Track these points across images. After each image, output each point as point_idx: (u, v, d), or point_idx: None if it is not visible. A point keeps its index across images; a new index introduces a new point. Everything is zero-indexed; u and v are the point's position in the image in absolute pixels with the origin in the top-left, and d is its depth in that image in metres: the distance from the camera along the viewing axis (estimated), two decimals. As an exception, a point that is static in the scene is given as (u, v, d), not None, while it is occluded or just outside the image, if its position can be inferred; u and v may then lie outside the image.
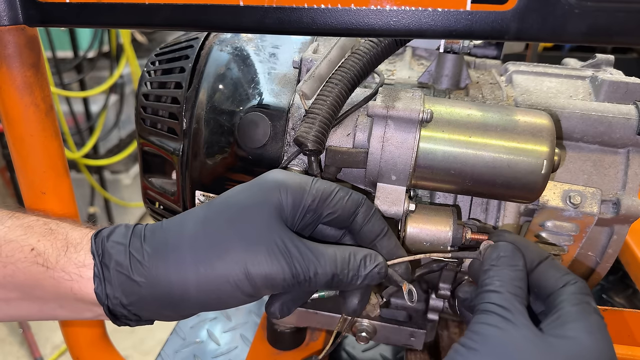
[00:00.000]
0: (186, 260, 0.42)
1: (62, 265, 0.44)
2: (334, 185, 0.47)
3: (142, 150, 0.73)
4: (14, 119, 0.61)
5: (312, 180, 0.47)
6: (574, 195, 0.59)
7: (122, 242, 0.44)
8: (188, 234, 0.44)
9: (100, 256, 0.44)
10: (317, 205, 0.46)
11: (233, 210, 0.45)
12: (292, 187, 0.45)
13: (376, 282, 0.47)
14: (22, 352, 2.37)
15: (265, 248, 0.43)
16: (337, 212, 0.47)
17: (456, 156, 0.54)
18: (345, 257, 0.45)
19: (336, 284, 0.45)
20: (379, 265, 0.46)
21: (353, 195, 0.47)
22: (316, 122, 0.54)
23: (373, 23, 0.44)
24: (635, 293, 1.04)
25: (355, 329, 0.70)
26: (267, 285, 0.43)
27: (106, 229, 0.46)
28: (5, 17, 0.53)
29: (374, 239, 0.48)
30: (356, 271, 0.45)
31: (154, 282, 0.42)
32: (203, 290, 0.42)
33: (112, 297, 0.43)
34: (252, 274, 0.42)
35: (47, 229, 0.46)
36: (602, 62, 0.72)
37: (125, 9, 0.48)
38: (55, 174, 0.66)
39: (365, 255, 0.46)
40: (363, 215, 0.47)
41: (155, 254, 0.43)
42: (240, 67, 0.67)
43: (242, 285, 0.42)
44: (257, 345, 0.88)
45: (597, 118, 0.60)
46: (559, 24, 0.40)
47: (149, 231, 0.45)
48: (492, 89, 0.69)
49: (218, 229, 0.44)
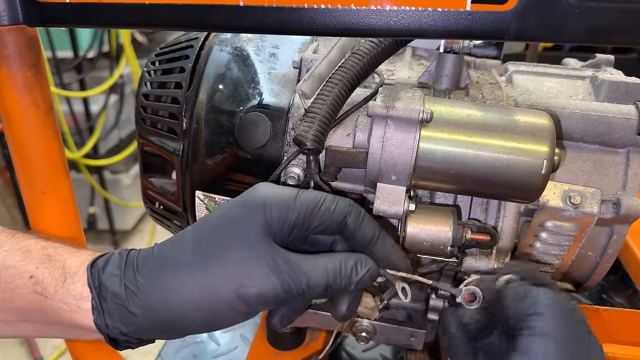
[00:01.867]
0: (179, 286, 0.43)
1: (61, 297, 0.45)
2: (320, 196, 0.47)
3: (142, 150, 0.73)
4: (14, 119, 0.61)
5: (297, 193, 0.47)
6: (574, 195, 0.59)
7: (116, 274, 0.45)
8: (180, 260, 0.45)
9: (97, 288, 0.45)
10: (304, 220, 0.46)
11: (221, 232, 0.45)
12: (277, 204, 0.46)
13: (368, 285, 0.48)
14: (22, 352, 2.37)
15: (255, 267, 0.43)
16: (325, 223, 0.47)
17: (456, 156, 0.54)
18: (336, 266, 0.46)
19: (330, 293, 0.46)
20: (370, 270, 0.47)
21: (340, 204, 0.47)
22: (315, 121, 0.54)
23: (373, 23, 0.44)
24: (635, 293, 1.04)
25: (355, 329, 0.70)
26: (261, 303, 0.44)
27: (101, 259, 0.47)
28: (5, 17, 0.53)
29: (367, 243, 0.48)
30: (348, 279, 0.46)
31: (151, 311, 0.44)
32: (201, 313, 0.44)
33: (112, 326, 0.44)
34: (245, 294, 0.43)
35: (45, 255, 0.47)
36: (602, 62, 0.72)
37: (125, 9, 0.48)
38: (55, 174, 0.66)
39: (356, 262, 0.47)
40: (353, 222, 0.47)
41: (150, 283, 0.44)
42: (240, 67, 0.67)
43: (236, 306, 0.43)
44: (257, 345, 0.88)
45: (597, 118, 0.60)
46: (559, 24, 0.40)
47: (141, 259, 0.46)
48: (492, 89, 0.69)
49: (207, 252, 0.45)
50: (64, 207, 0.69)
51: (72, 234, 0.71)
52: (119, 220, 2.99)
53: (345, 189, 0.64)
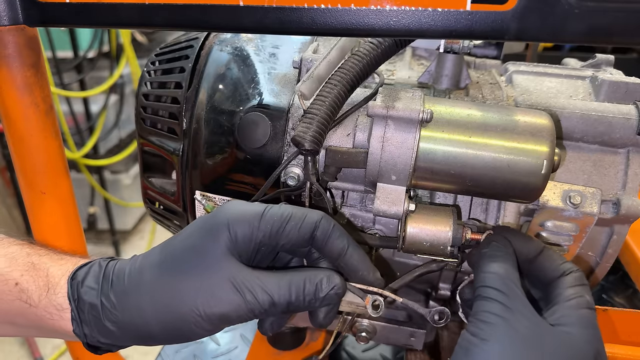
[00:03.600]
0: (146, 307, 0.45)
1: (44, 306, 0.47)
2: (287, 213, 0.47)
3: (142, 150, 0.73)
4: (14, 119, 0.61)
5: (263, 211, 0.47)
6: (574, 195, 0.59)
7: (94, 287, 0.47)
8: (145, 280, 0.46)
9: (76, 301, 0.47)
10: (270, 238, 0.47)
11: (186, 253, 0.47)
12: (241, 223, 0.46)
13: (335, 302, 0.48)
14: (23, 352, 2.37)
15: (217, 287, 0.44)
16: (292, 240, 0.47)
17: (456, 156, 0.54)
18: (300, 284, 0.46)
19: (294, 310, 0.47)
20: (336, 287, 0.47)
21: (307, 219, 0.47)
22: (314, 122, 0.54)
23: (373, 23, 0.44)
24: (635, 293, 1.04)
25: (355, 329, 0.70)
26: (224, 322, 0.45)
27: (82, 270, 0.49)
28: (5, 17, 0.53)
29: (336, 257, 0.49)
30: (312, 296, 0.46)
31: (123, 326, 0.46)
32: (166, 330, 0.45)
33: (90, 335, 0.47)
34: (207, 313, 0.44)
35: (30, 262, 0.49)
36: (602, 62, 0.72)
37: (125, 9, 0.48)
38: (55, 174, 0.66)
39: (321, 279, 0.47)
40: (321, 235, 0.48)
41: (119, 302, 0.46)
42: (240, 67, 0.67)
43: (199, 324, 0.45)
44: (257, 345, 0.88)
45: (597, 118, 0.60)
46: (558, 24, 0.40)
47: (115, 276, 0.48)
48: (492, 89, 0.69)
49: (172, 273, 0.46)
50: (64, 207, 0.69)
51: (72, 234, 0.71)
52: (119, 220, 2.99)
53: (345, 189, 0.64)
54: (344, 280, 0.48)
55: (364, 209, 0.65)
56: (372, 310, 0.50)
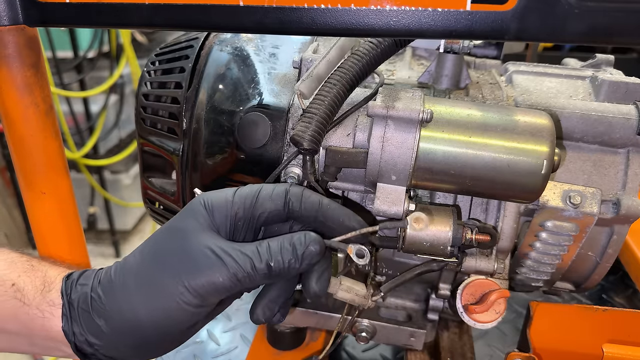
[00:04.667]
0: (131, 291, 0.45)
1: (37, 303, 0.47)
2: (258, 186, 0.49)
3: (142, 150, 0.73)
4: (14, 119, 0.61)
5: (234, 190, 0.49)
6: (574, 195, 0.59)
7: (86, 284, 0.48)
8: (129, 266, 0.47)
9: (68, 296, 0.47)
10: (245, 211, 0.48)
11: (166, 234, 0.48)
12: (216, 201, 0.48)
13: (317, 259, 0.48)
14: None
15: (198, 258, 0.45)
16: (268, 209, 0.48)
17: (456, 156, 0.54)
18: (276, 245, 0.46)
19: (277, 273, 0.46)
20: (313, 242, 0.47)
21: (278, 188, 0.49)
22: (313, 121, 0.54)
23: (373, 23, 0.44)
24: (635, 293, 1.04)
25: (355, 329, 0.70)
26: (210, 291, 0.45)
27: (76, 272, 0.50)
28: (5, 17, 0.53)
29: (314, 214, 0.49)
30: (291, 254, 0.46)
31: (110, 318, 0.46)
32: (153, 315, 0.45)
33: (79, 334, 0.46)
34: (191, 285, 0.44)
35: (29, 265, 0.50)
36: (602, 62, 0.72)
37: (125, 9, 0.48)
38: (55, 174, 0.66)
39: (298, 237, 0.47)
40: (295, 199, 0.48)
41: (106, 295, 0.46)
42: (240, 67, 0.67)
43: (186, 299, 0.44)
44: (257, 345, 0.88)
45: (597, 118, 0.60)
46: (558, 24, 0.40)
47: (104, 272, 0.48)
48: (492, 89, 0.69)
49: (154, 254, 0.47)
50: (63, 207, 0.69)
51: (72, 234, 0.71)
52: (119, 220, 2.99)
53: (345, 189, 0.64)
54: (320, 237, 0.48)
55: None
56: (356, 258, 0.49)
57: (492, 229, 0.60)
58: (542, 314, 0.64)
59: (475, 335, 0.87)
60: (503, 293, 0.57)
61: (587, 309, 0.63)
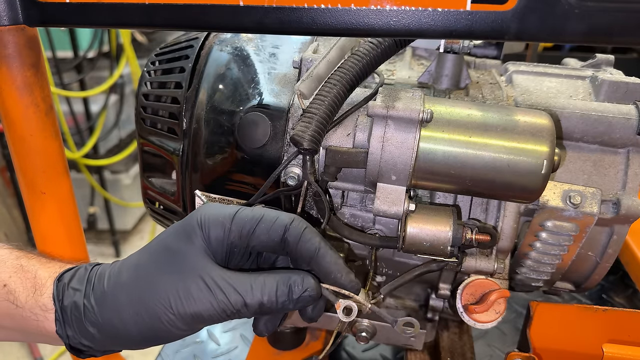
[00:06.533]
0: (123, 307, 0.46)
1: (30, 307, 0.48)
2: (258, 214, 0.48)
3: (142, 150, 0.73)
4: (14, 119, 0.61)
5: (235, 212, 0.48)
6: (574, 195, 0.59)
7: (78, 289, 0.48)
8: (122, 281, 0.47)
9: (61, 302, 0.48)
10: (241, 240, 0.47)
11: (162, 255, 0.47)
12: (213, 224, 0.47)
13: (310, 304, 0.48)
14: (23, 352, 2.37)
15: (190, 287, 0.45)
16: (263, 242, 0.47)
17: (456, 156, 0.54)
18: (272, 286, 0.46)
19: (268, 311, 0.47)
20: (309, 289, 0.47)
21: (278, 222, 0.47)
22: (313, 121, 0.54)
23: (373, 23, 0.44)
24: (635, 293, 1.04)
25: (355, 329, 0.70)
26: (197, 321, 0.45)
27: (68, 273, 0.50)
28: (5, 17, 0.53)
29: (308, 260, 0.48)
30: (286, 297, 0.46)
31: (102, 329, 0.46)
32: (142, 330, 0.46)
33: (72, 337, 0.47)
34: (180, 313, 0.45)
35: (18, 264, 0.50)
36: (602, 62, 0.72)
37: (125, 9, 0.48)
38: (55, 174, 0.66)
39: (294, 281, 0.47)
40: (292, 238, 0.47)
41: (98, 303, 0.47)
42: (240, 67, 0.67)
43: (173, 324, 0.45)
44: (257, 345, 0.88)
45: (597, 118, 0.60)
46: (558, 24, 0.40)
47: (97, 278, 0.48)
48: (492, 89, 0.69)
49: (148, 274, 0.47)
50: (63, 207, 0.69)
51: (72, 234, 0.71)
52: (119, 220, 2.98)
53: (345, 189, 0.64)
54: (318, 283, 0.48)
55: (364, 209, 0.65)
56: (342, 315, 0.49)
57: (492, 229, 0.60)
58: (542, 314, 0.64)
59: (475, 335, 0.87)
60: (503, 293, 0.57)
61: (587, 309, 0.63)
